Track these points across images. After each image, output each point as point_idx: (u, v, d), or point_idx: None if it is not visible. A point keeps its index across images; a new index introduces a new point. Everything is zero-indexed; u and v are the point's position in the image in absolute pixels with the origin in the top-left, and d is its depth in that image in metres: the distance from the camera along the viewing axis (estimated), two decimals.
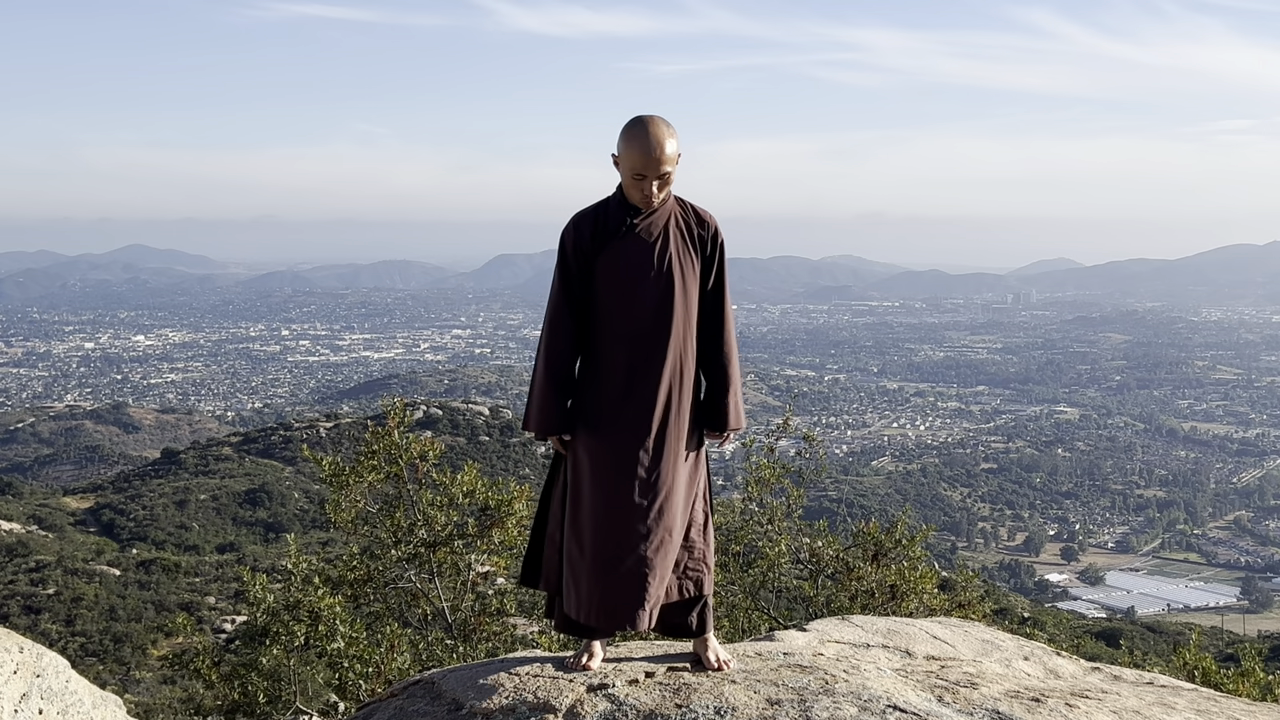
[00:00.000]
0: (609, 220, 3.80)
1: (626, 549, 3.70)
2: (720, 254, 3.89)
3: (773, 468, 8.03)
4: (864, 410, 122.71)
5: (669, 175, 3.72)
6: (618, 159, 3.73)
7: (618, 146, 3.71)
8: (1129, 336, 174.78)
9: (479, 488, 7.25)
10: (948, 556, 60.09)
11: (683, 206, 3.88)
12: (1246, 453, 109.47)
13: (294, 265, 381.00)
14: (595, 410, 3.75)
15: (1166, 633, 33.35)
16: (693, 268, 3.82)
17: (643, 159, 3.66)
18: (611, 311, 3.75)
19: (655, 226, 3.79)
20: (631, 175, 3.70)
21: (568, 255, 3.79)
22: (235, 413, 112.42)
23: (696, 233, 3.86)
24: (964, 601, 7.87)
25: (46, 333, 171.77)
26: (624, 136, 3.69)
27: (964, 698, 3.69)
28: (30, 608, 29.69)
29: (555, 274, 3.82)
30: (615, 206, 3.81)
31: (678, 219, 3.84)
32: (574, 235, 3.79)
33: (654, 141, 3.65)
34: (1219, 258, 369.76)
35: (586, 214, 3.83)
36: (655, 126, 3.65)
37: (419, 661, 6.70)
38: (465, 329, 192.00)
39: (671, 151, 3.68)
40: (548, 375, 3.76)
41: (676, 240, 3.81)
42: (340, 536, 7.86)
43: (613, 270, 3.76)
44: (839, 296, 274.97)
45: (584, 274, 3.79)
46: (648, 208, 3.77)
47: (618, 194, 3.82)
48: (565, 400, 3.77)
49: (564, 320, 3.77)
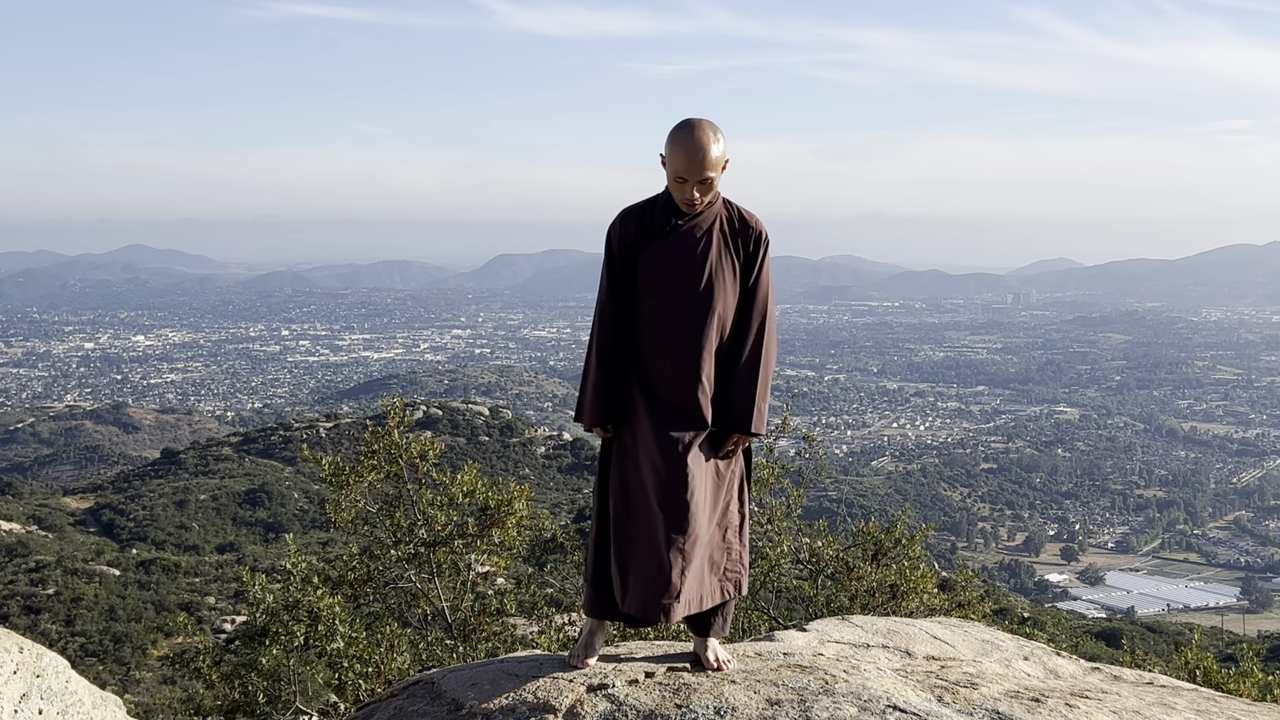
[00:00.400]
0: (655, 218, 3.85)
1: (666, 541, 3.73)
2: (763, 255, 3.91)
3: (772, 468, 8.03)
4: (864, 410, 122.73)
5: (711, 180, 3.75)
6: (664, 160, 3.78)
7: (665, 147, 3.76)
8: (1129, 336, 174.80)
9: (479, 488, 7.25)
10: (948, 556, 60.06)
11: (729, 209, 3.91)
12: (1246, 453, 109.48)
13: (294, 265, 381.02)
14: (640, 404, 3.81)
15: (1166, 633, 33.37)
16: (734, 271, 3.86)
17: (685, 163, 3.70)
18: (653, 308, 3.81)
19: (700, 228, 3.83)
20: (675, 178, 3.75)
21: (614, 250, 3.85)
22: (235, 413, 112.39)
23: (740, 236, 3.89)
24: (964, 601, 7.87)
25: (46, 333, 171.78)
26: (670, 139, 3.73)
27: (964, 698, 3.69)
28: (30, 608, 29.69)
29: (603, 269, 3.89)
30: (663, 205, 3.87)
31: (722, 222, 3.88)
32: (620, 231, 3.85)
33: (697, 145, 3.68)
34: (1219, 258, 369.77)
35: (633, 210, 3.89)
36: (700, 131, 3.69)
37: (419, 661, 6.70)
38: (465, 329, 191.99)
39: (716, 157, 3.71)
40: (599, 367, 3.84)
41: (719, 242, 3.85)
42: (340, 536, 7.86)
43: (655, 268, 3.81)
44: (839, 296, 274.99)
45: (628, 270, 3.84)
46: (691, 211, 3.81)
47: (666, 193, 3.87)
48: (616, 391, 3.84)
49: (612, 314, 3.84)
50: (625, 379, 3.85)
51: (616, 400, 3.85)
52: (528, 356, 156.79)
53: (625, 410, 3.85)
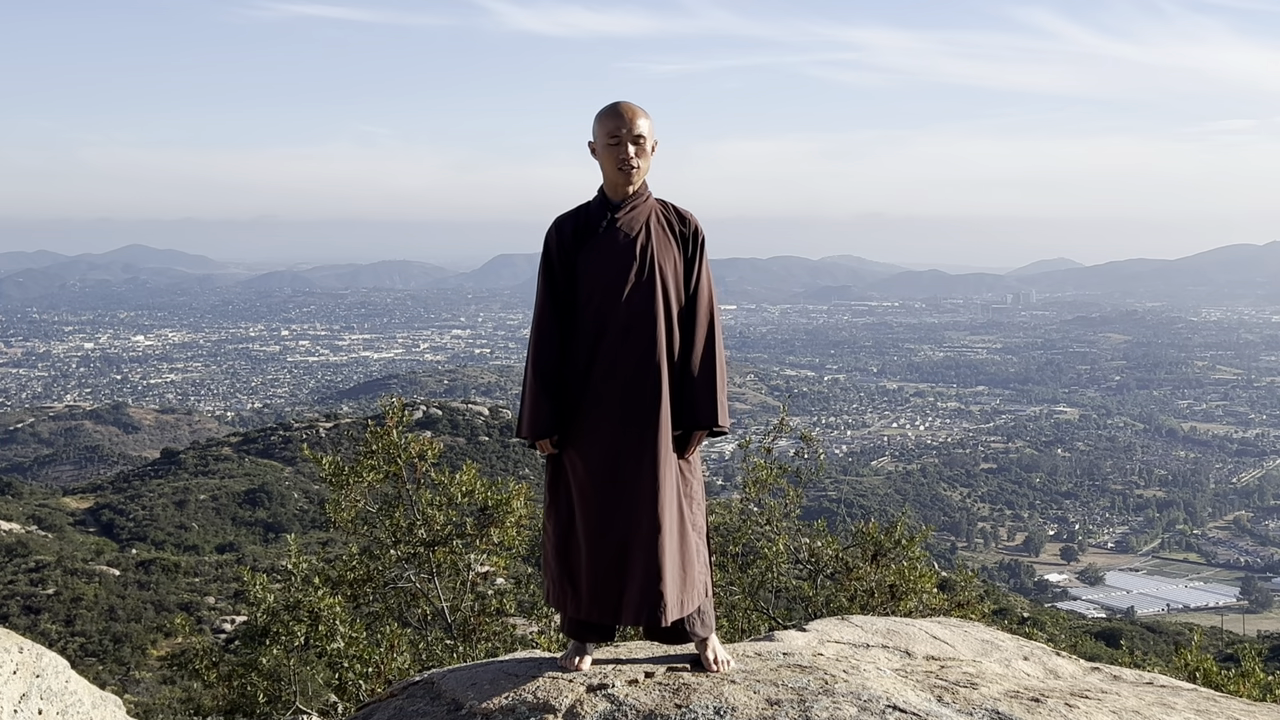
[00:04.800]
0: (590, 219, 3.84)
1: (630, 546, 3.70)
2: (701, 251, 3.89)
3: (770, 468, 8.02)
4: (864, 410, 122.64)
5: (643, 141, 3.77)
6: (594, 144, 3.80)
7: (593, 130, 3.80)
8: (1129, 337, 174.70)
9: (478, 487, 7.24)
10: (947, 556, 60.03)
11: (663, 205, 3.91)
12: (1246, 453, 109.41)
13: (294, 265, 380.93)
14: (586, 409, 3.74)
15: (1166, 633, 33.33)
16: (674, 263, 3.84)
17: (614, 121, 3.74)
18: (597, 307, 3.76)
19: (636, 222, 3.82)
20: (608, 140, 3.75)
21: (551, 254, 3.83)
22: (235, 413, 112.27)
23: (678, 229, 3.88)
24: (963, 601, 7.86)
25: (46, 333, 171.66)
26: (596, 118, 3.80)
27: (964, 698, 3.69)
28: (30, 608, 29.65)
29: (539, 276, 3.85)
30: (596, 206, 3.87)
31: (658, 215, 3.87)
32: (556, 235, 3.83)
33: (624, 106, 3.77)
34: (1219, 258, 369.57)
35: (567, 215, 3.88)
36: (623, 101, 3.78)
37: (419, 661, 6.70)
38: (465, 329, 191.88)
39: (644, 120, 3.76)
40: (537, 378, 3.77)
41: (658, 234, 3.83)
42: (340, 536, 7.85)
43: (595, 265, 3.78)
44: (839, 296, 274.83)
45: (568, 273, 3.81)
46: (627, 178, 3.78)
47: (599, 195, 3.88)
48: (556, 402, 3.77)
49: (549, 321, 3.79)
50: (567, 388, 3.77)
51: (558, 411, 3.76)
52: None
53: (573, 420, 3.76)
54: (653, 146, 3.81)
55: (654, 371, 3.73)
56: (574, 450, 3.77)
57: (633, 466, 3.70)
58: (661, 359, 3.74)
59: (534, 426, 3.77)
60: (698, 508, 3.89)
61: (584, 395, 3.75)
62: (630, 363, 3.72)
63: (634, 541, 3.69)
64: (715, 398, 3.81)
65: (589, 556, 3.74)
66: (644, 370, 3.72)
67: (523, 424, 3.82)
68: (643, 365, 3.73)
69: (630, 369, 3.72)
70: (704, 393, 3.81)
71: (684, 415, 3.81)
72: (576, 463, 3.76)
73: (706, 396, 3.81)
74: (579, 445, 3.75)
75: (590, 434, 3.73)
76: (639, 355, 3.73)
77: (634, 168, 3.76)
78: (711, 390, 3.81)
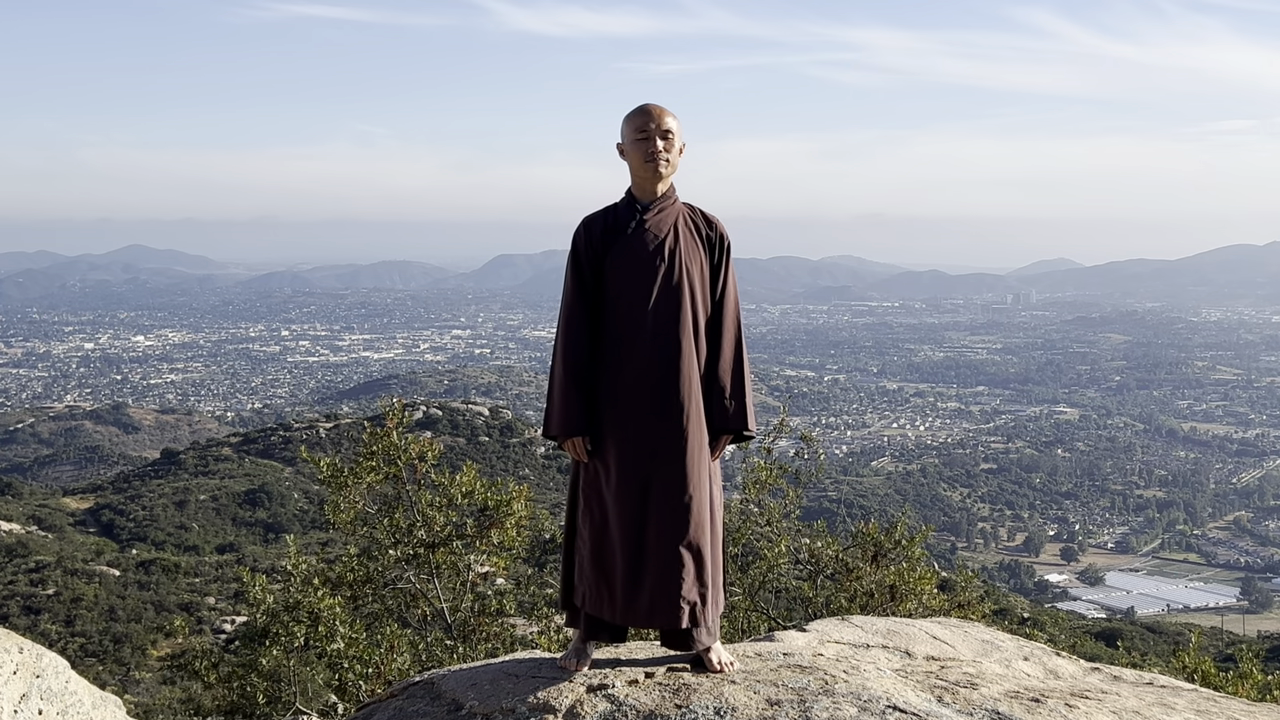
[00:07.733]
0: (618, 219, 3.86)
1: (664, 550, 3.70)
2: (727, 256, 3.93)
3: (770, 469, 8.01)
4: (864, 410, 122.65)
5: (671, 135, 3.79)
6: (621, 145, 3.82)
7: (620, 134, 3.82)
8: (1129, 337, 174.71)
9: (478, 488, 7.24)
10: (947, 557, 60.02)
11: (690, 209, 3.94)
12: (1246, 453, 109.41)
13: (294, 265, 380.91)
14: (616, 411, 3.74)
15: (1166, 633, 33.32)
16: (701, 267, 3.86)
17: (642, 117, 3.78)
18: (625, 308, 3.77)
19: (664, 224, 3.83)
20: (636, 136, 3.78)
21: (580, 254, 3.83)
22: (235, 413, 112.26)
23: (704, 233, 3.90)
24: (963, 602, 7.85)
25: (46, 333, 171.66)
26: (624, 119, 3.83)
27: (964, 698, 3.69)
28: (30, 608, 29.65)
29: (568, 275, 3.85)
30: (624, 207, 3.88)
31: (685, 218, 3.89)
32: (585, 234, 3.85)
33: (651, 106, 3.81)
34: (1219, 258, 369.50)
35: (596, 214, 3.90)
36: (651, 102, 3.83)
37: (419, 662, 6.70)
38: (465, 329, 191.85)
39: (672, 119, 3.80)
40: (567, 373, 3.76)
41: (686, 238, 3.85)
42: (339, 537, 7.85)
43: (623, 267, 3.79)
44: (838, 297, 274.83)
45: (596, 272, 3.82)
46: (655, 173, 3.80)
47: (626, 196, 3.89)
48: (587, 401, 3.76)
49: (580, 318, 3.79)
50: (596, 386, 3.76)
51: (589, 408, 3.75)
52: (527, 357, 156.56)
53: (602, 419, 3.75)
54: (680, 148, 3.83)
55: (684, 375, 3.74)
56: (605, 453, 3.76)
57: (666, 469, 3.70)
58: (691, 363, 3.76)
59: (565, 423, 3.75)
60: (719, 511, 3.90)
61: (614, 397, 3.74)
62: (659, 366, 3.73)
63: (667, 545, 3.70)
64: (744, 402, 3.85)
65: (624, 560, 3.73)
66: (673, 373, 3.73)
67: (551, 421, 3.80)
68: (672, 368, 3.73)
69: (659, 372, 3.73)
70: (733, 397, 3.84)
71: (712, 419, 3.83)
72: (610, 465, 3.75)
73: (736, 401, 3.84)
74: (610, 447, 3.75)
75: (621, 436, 3.73)
76: (668, 358, 3.74)
77: (664, 160, 3.78)
78: (741, 394, 3.85)
